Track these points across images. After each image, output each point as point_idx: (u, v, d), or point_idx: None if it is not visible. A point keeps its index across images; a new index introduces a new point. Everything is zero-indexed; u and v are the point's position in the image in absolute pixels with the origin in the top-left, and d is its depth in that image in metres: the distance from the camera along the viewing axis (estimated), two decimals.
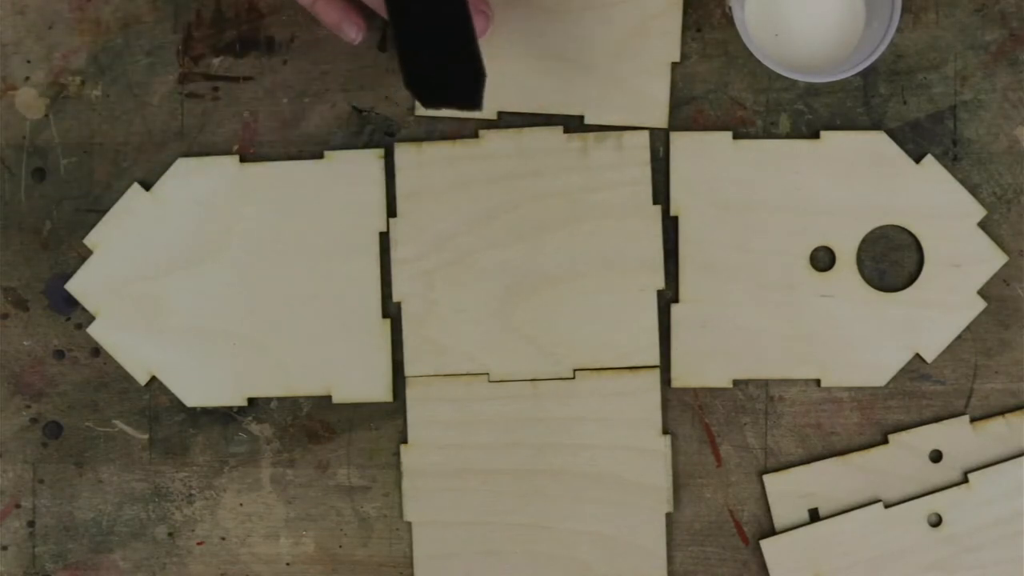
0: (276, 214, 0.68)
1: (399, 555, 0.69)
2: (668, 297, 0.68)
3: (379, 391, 0.68)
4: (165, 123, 0.69)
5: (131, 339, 0.69)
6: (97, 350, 0.70)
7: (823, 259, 0.67)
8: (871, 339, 0.67)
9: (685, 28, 0.67)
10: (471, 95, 0.57)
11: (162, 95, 0.69)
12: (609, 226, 0.67)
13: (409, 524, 0.69)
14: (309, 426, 0.69)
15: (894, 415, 0.67)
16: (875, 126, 0.67)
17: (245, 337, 0.69)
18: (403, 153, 0.68)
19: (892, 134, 0.67)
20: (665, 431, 0.68)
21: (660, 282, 0.67)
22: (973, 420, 0.67)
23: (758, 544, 0.67)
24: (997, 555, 0.66)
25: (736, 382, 0.68)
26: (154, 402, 0.70)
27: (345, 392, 0.68)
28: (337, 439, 0.69)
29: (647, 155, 0.67)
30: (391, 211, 0.68)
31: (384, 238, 0.68)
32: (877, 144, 0.67)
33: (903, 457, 0.67)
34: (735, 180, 0.67)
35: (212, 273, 0.69)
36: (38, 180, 0.70)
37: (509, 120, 0.68)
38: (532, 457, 0.68)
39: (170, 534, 0.70)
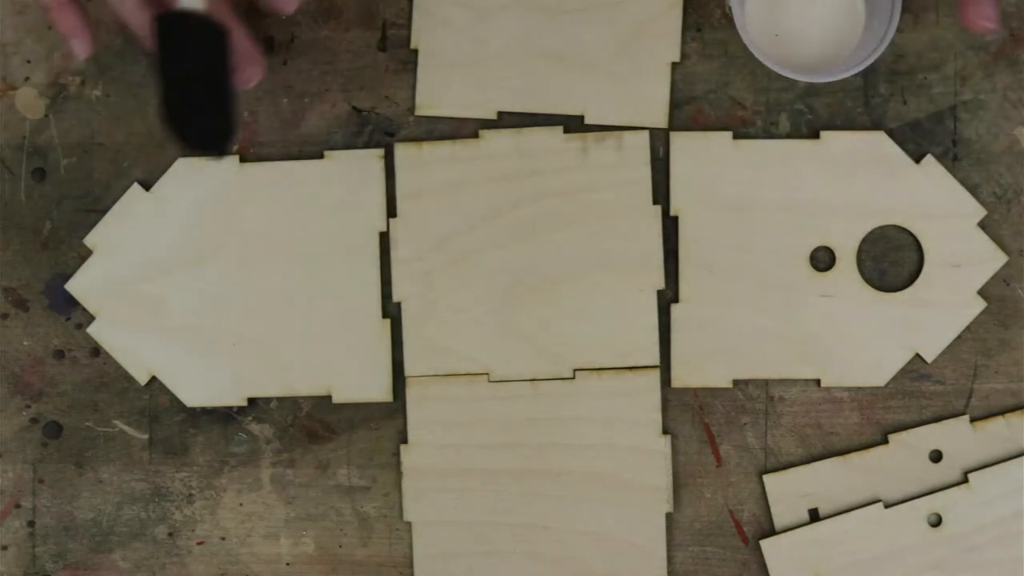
0: (276, 214, 0.68)
1: (399, 555, 0.69)
2: (668, 297, 0.68)
3: (379, 391, 0.68)
4: None
5: (131, 339, 0.69)
6: (97, 350, 0.70)
7: (823, 259, 0.67)
8: (871, 339, 0.67)
9: (685, 28, 0.67)
10: (218, 145, 0.59)
11: None
12: (609, 226, 0.67)
13: (409, 524, 0.69)
14: (309, 426, 0.69)
15: (894, 415, 0.67)
16: (875, 126, 0.67)
17: (245, 337, 0.69)
18: (403, 153, 0.68)
19: (892, 134, 0.67)
20: (665, 431, 0.68)
21: (660, 282, 0.67)
22: (973, 420, 0.67)
23: (758, 544, 0.67)
24: (997, 555, 0.66)
25: (736, 382, 0.68)
26: (154, 402, 0.70)
27: (345, 392, 0.68)
28: (337, 439, 0.69)
29: (647, 155, 0.67)
30: (391, 211, 0.68)
31: (384, 238, 0.68)
32: (877, 144, 0.67)
33: (903, 457, 0.67)
34: (735, 180, 0.67)
35: (212, 273, 0.69)
36: (38, 180, 0.70)
37: (509, 120, 0.68)
38: (532, 457, 0.68)
39: (170, 534, 0.70)
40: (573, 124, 0.68)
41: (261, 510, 0.69)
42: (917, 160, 0.67)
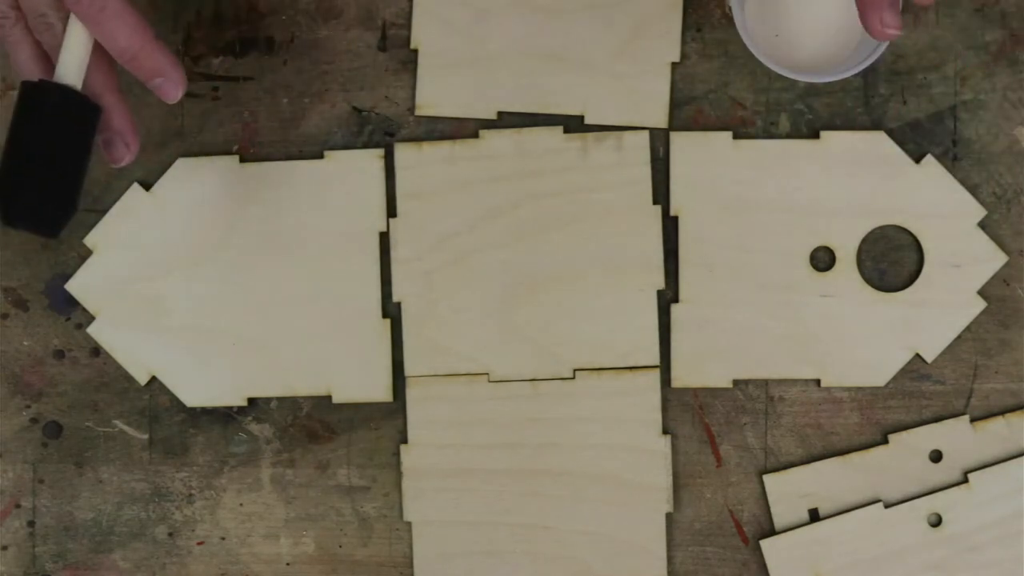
0: (276, 214, 0.68)
1: (399, 555, 0.69)
2: (668, 297, 0.68)
3: (379, 391, 0.68)
4: (165, 123, 0.69)
5: (131, 339, 0.69)
6: (97, 350, 0.70)
7: (823, 259, 0.67)
8: (871, 339, 0.67)
9: (685, 28, 0.67)
10: (47, 227, 0.58)
11: None
12: (609, 226, 0.67)
13: (409, 524, 0.69)
14: (309, 426, 0.69)
15: (894, 415, 0.67)
16: (875, 126, 0.67)
17: (245, 337, 0.69)
18: (403, 153, 0.68)
19: (892, 134, 0.67)
20: (665, 431, 0.68)
21: (660, 282, 0.67)
22: (973, 420, 0.67)
23: (758, 544, 0.67)
24: (997, 555, 0.66)
25: (736, 382, 0.68)
26: (154, 402, 0.70)
27: (345, 392, 0.68)
28: (337, 439, 0.69)
29: (647, 155, 0.67)
30: (391, 211, 0.68)
31: (384, 238, 0.68)
32: (877, 144, 0.67)
33: (903, 457, 0.67)
34: (735, 180, 0.67)
35: (212, 273, 0.69)
36: None
37: (509, 120, 0.68)
38: (532, 457, 0.68)
39: (170, 534, 0.70)
40: (573, 124, 0.68)
41: (261, 510, 0.69)
42: (917, 160, 0.67)
